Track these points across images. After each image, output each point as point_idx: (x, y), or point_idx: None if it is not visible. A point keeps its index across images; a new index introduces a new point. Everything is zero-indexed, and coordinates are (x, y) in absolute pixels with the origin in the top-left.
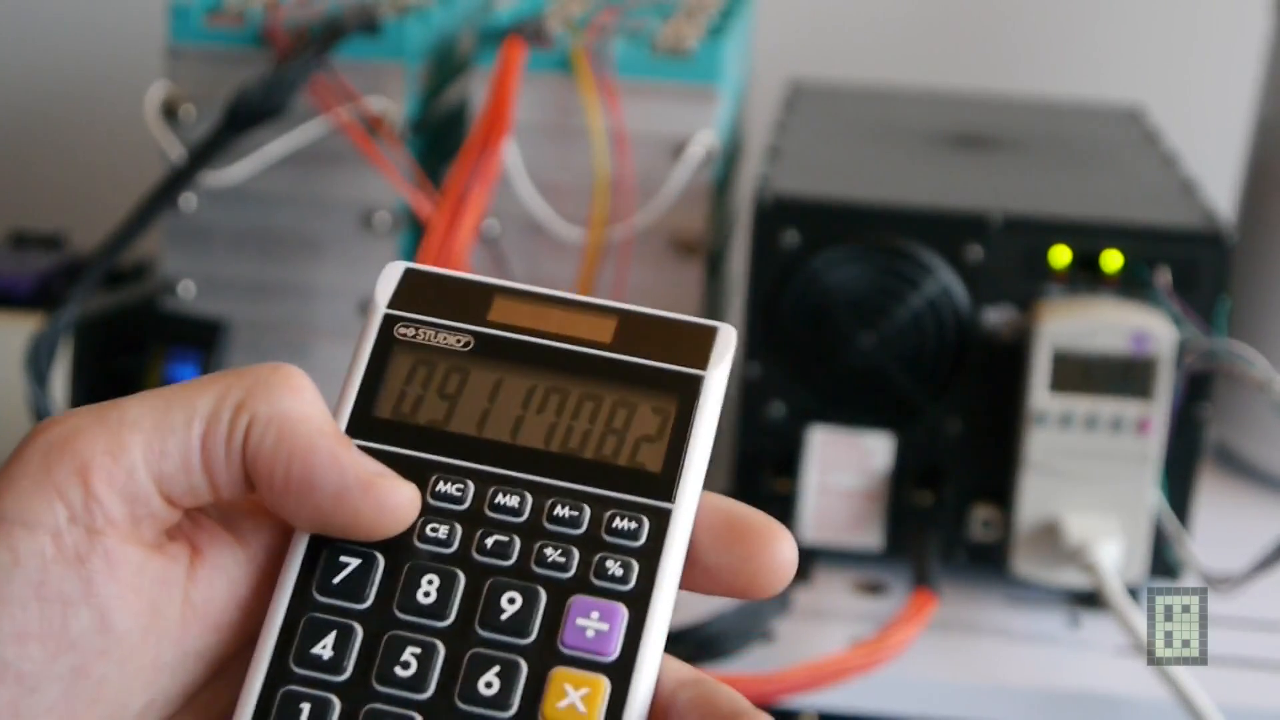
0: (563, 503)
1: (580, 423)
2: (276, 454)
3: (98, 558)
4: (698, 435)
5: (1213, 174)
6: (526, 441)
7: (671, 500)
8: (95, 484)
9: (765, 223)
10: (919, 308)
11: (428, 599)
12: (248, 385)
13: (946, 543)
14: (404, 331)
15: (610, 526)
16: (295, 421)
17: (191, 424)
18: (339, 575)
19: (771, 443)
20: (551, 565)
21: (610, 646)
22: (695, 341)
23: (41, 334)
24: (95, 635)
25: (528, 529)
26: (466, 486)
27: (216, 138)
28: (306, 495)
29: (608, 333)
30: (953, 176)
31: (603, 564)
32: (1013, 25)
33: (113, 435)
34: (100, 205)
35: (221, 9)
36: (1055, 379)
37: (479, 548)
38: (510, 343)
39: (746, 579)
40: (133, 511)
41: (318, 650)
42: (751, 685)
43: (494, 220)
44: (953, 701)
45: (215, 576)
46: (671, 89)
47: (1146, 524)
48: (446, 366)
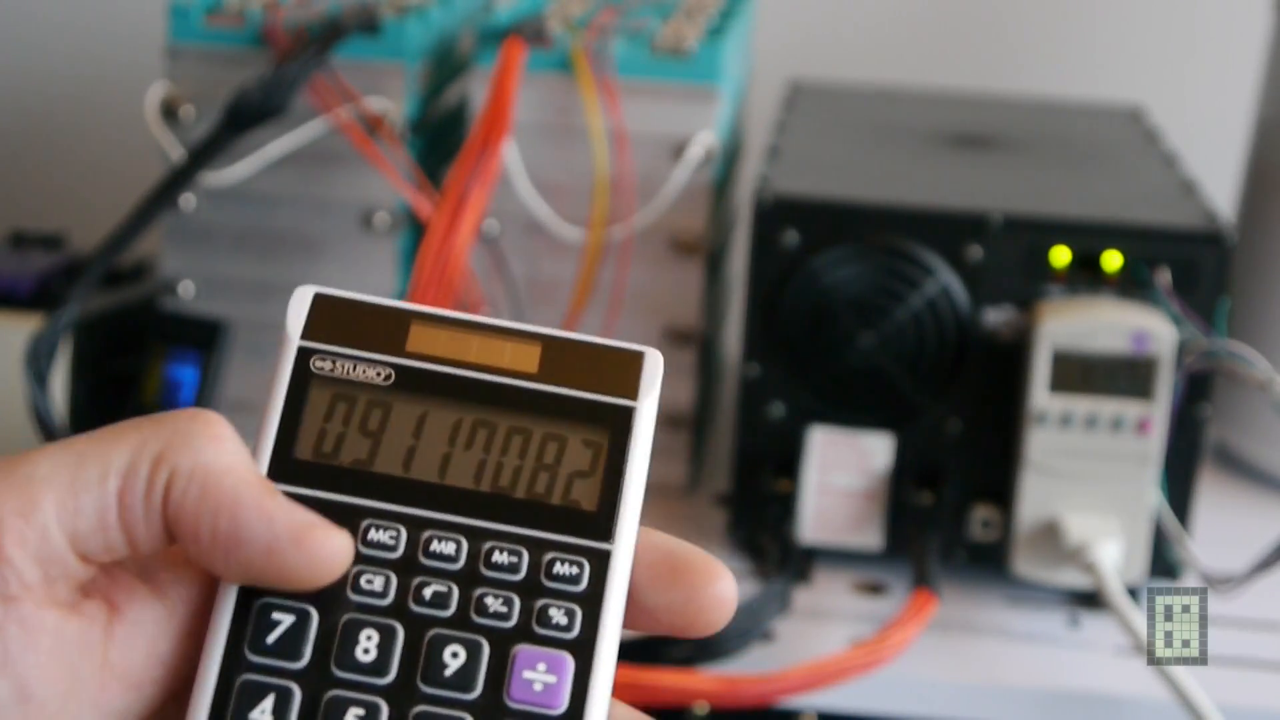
0: (500, 548)
1: (510, 459)
2: (201, 509)
3: (13, 624)
4: (632, 469)
5: (1213, 174)
6: (456, 481)
7: (610, 540)
8: (7, 546)
9: (765, 223)
10: (919, 308)
11: (367, 655)
12: (166, 436)
13: (946, 543)
14: (320, 365)
15: (550, 572)
16: (219, 474)
17: (107, 479)
18: (273, 633)
19: (771, 443)
20: (493, 615)
21: (559, 699)
22: (623, 369)
23: (41, 334)
24: (14, 705)
25: (465, 576)
26: (399, 533)
27: (216, 138)
28: (234, 550)
29: (532, 361)
30: (953, 176)
31: (545, 611)
32: (1013, 25)
33: (23, 493)
34: (100, 205)
35: (221, 9)
36: (1055, 379)
37: (416, 598)
38: (432, 375)
39: (688, 618)
40: (47, 573)
41: (255, 715)
42: (751, 685)
43: (494, 220)
44: (953, 701)
45: (134, 634)
46: (671, 89)
47: (1146, 524)
48: (367, 401)
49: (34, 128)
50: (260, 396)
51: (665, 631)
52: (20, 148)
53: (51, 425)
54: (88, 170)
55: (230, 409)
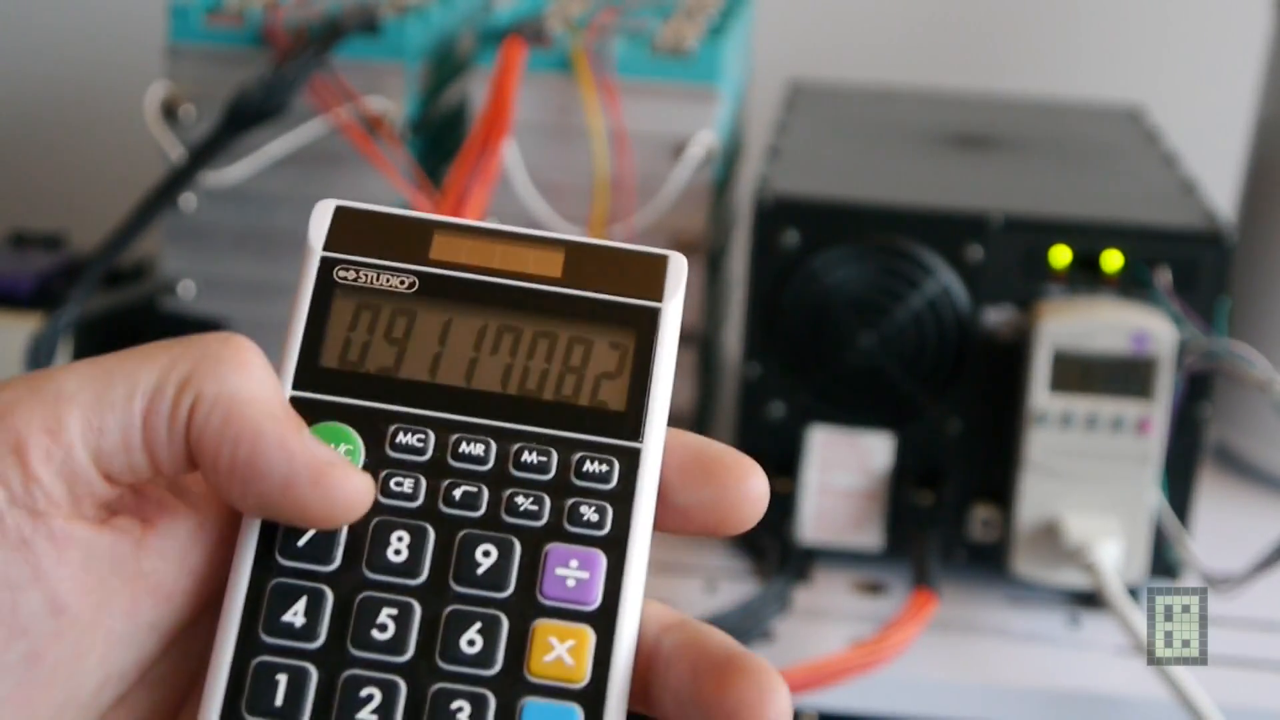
0: (528, 448)
1: (536, 362)
2: (222, 436)
3: (42, 539)
4: (659, 370)
5: (1213, 174)
6: (483, 385)
7: (639, 439)
8: (34, 463)
9: (765, 223)
10: (919, 308)
11: (398, 557)
12: (194, 359)
13: (946, 543)
14: (344, 275)
15: (580, 470)
16: (242, 403)
17: (133, 399)
18: (303, 537)
19: (771, 443)
20: (523, 514)
21: (592, 595)
22: (647, 272)
23: (41, 334)
24: (46, 619)
25: (494, 478)
26: (427, 436)
27: (216, 138)
28: (251, 482)
29: (556, 266)
30: (953, 176)
31: (576, 509)
32: (1013, 25)
33: (50, 410)
34: (100, 205)
35: (221, 9)
36: (1055, 379)
37: (446, 500)
38: (456, 281)
39: (720, 516)
40: (72, 490)
41: (288, 618)
42: None
43: (494, 220)
44: (953, 701)
45: (166, 545)
46: (671, 89)
47: (1146, 524)
48: (392, 309)
49: (34, 128)
50: None
51: (697, 531)
52: (20, 148)
53: None
54: (88, 170)
55: None
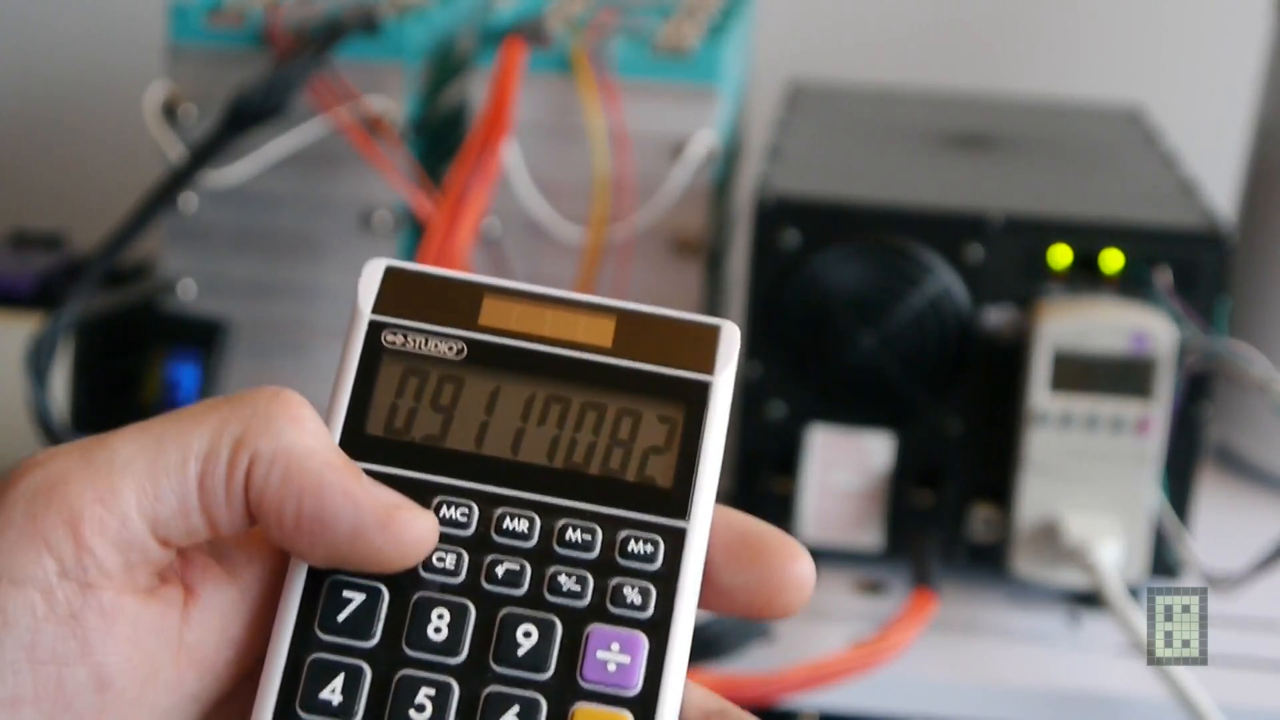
0: (573, 525)
1: (584, 434)
2: (284, 493)
3: (92, 613)
4: (708, 446)
5: (1213, 174)
6: (529, 457)
7: (686, 518)
8: (87, 535)
9: (765, 223)
10: (919, 308)
11: (439, 635)
12: (245, 418)
13: (946, 543)
14: (392, 339)
15: (625, 550)
16: (301, 456)
17: (187, 464)
18: (343, 611)
19: (771, 443)
20: (566, 594)
21: (633, 679)
22: (699, 343)
23: (41, 334)
24: (92, 694)
25: (538, 554)
26: (471, 510)
27: (216, 138)
28: (320, 534)
29: (607, 335)
30: (953, 176)
31: (619, 590)
32: (1013, 25)
33: (103, 480)
34: (100, 205)
35: (221, 9)
36: (1055, 379)
37: (489, 576)
38: (505, 350)
39: (765, 599)
40: (127, 559)
41: (326, 695)
42: (751, 685)
43: (494, 220)
44: (953, 701)
45: (209, 617)
46: (671, 89)
47: (1146, 524)
48: (439, 376)
49: (34, 128)
50: None
51: (741, 612)
52: (20, 148)
53: (51, 425)
54: (88, 170)
55: None
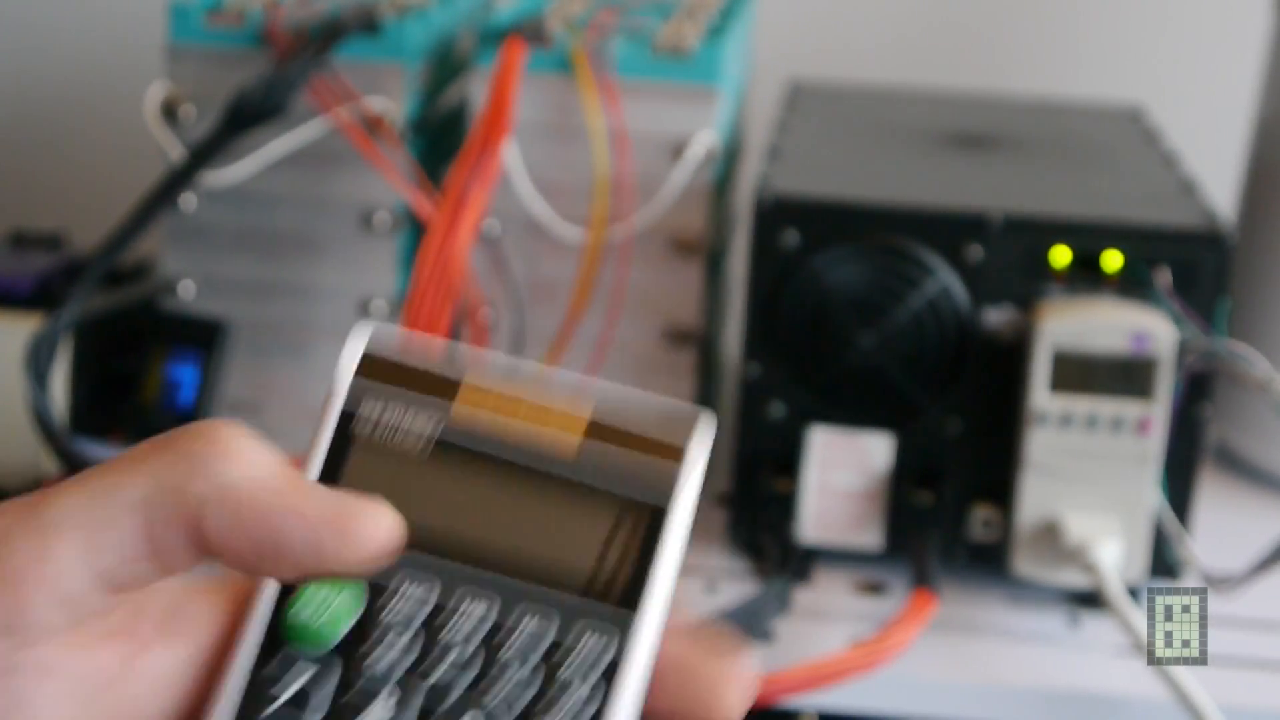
0: (530, 612)
1: (542, 540)
2: (235, 531)
3: (29, 668)
4: (660, 568)
5: (1213, 174)
6: (485, 553)
7: (638, 614)
8: (27, 593)
9: (765, 223)
10: (919, 308)
11: None
12: (178, 465)
13: (946, 543)
14: (361, 430)
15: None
16: (243, 491)
17: (124, 516)
18: (287, 690)
19: (771, 443)
20: (516, 684)
21: None
22: (670, 433)
23: (41, 334)
24: None
25: (487, 644)
26: (428, 592)
27: (216, 138)
28: (282, 560)
29: (577, 433)
30: (953, 176)
31: (568, 684)
32: (1013, 25)
33: (39, 542)
34: (100, 205)
35: (221, 9)
36: (1055, 379)
37: (438, 660)
38: (470, 454)
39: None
40: (74, 615)
41: None
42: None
43: (494, 220)
44: (953, 701)
45: (152, 670)
46: (671, 89)
47: (1146, 524)
48: (404, 472)
49: (34, 128)
50: (261, 396)
51: None
52: (20, 148)
53: (51, 425)
54: (88, 170)
55: (230, 409)
